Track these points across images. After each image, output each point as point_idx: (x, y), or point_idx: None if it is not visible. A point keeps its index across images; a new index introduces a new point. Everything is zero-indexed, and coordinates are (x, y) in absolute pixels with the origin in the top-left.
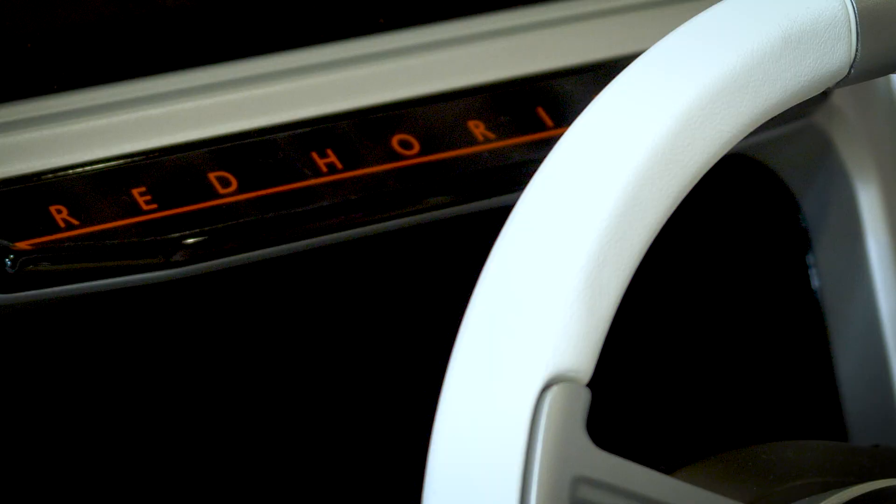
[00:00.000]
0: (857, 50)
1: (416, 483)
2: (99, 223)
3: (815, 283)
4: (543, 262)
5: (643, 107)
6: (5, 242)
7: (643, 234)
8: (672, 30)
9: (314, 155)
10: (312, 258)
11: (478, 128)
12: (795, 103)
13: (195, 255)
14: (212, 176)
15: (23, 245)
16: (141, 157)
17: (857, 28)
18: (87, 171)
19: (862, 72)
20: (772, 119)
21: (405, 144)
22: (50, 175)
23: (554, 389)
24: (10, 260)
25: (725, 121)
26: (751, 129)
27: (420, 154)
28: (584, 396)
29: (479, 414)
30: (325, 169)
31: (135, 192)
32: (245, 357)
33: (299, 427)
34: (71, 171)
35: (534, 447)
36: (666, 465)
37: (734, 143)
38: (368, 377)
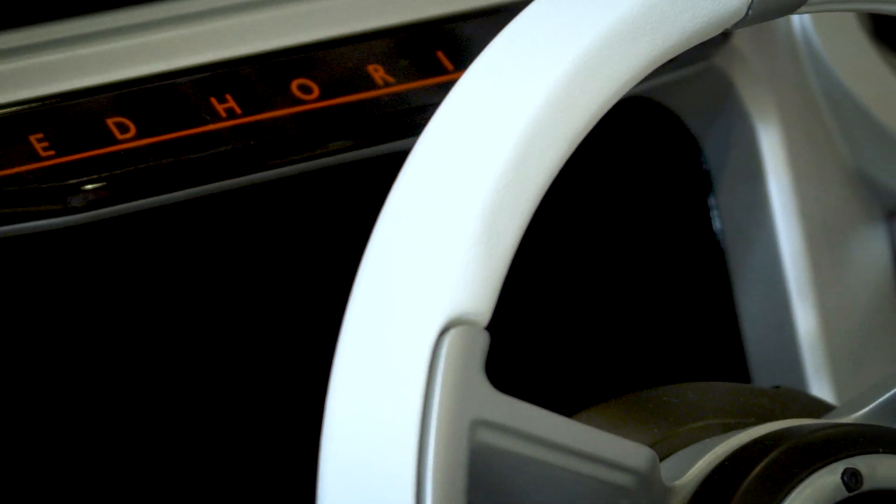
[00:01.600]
0: None
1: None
2: None
3: (717, 225)
4: (440, 207)
5: (539, 50)
6: None
7: (541, 177)
8: None
9: (213, 100)
10: (212, 203)
11: (377, 72)
12: (694, 44)
13: (94, 201)
14: (110, 122)
15: None
16: (38, 104)
17: None
18: None
19: (760, 12)
20: (673, 61)
21: (304, 89)
22: None
23: (452, 332)
24: None
25: (622, 63)
26: (648, 72)
27: (319, 99)
28: (483, 339)
29: (378, 357)
30: (224, 114)
31: (32, 138)
32: (147, 303)
33: (196, 370)
34: None
35: (432, 390)
36: (567, 408)
37: (631, 85)
38: (268, 324)
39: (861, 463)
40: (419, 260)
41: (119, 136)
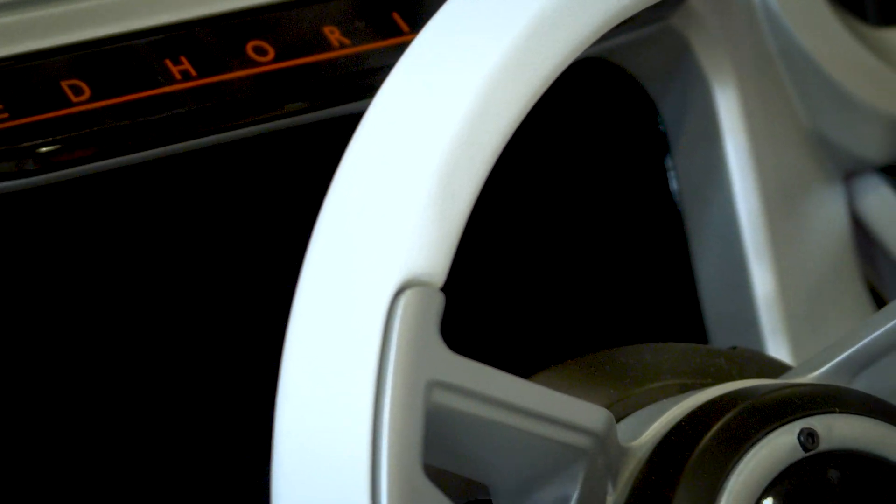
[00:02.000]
0: None
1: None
2: None
3: (674, 186)
4: (395, 168)
5: (493, 10)
6: None
7: (496, 138)
8: None
9: (168, 62)
10: (168, 165)
11: (333, 34)
12: (650, 4)
13: (48, 163)
14: (64, 84)
15: None
16: None
17: None
18: None
19: None
20: (629, 22)
21: (260, 51)
22: None
23: (407, 293)
24: None
25: (577, 23)
26: (604, 31)
27: (275, 60)
28: (438, 300)
29: (332, 319)
30: (179, 76)
31: None
32: (104, 267)
33: (153, 330)
34: None
35: (387, 352)
36: (523, 369)
37: (587, 45)
38: (224, 286)
39: (817, 423)
40: (374, 221)
41: (74, 99)
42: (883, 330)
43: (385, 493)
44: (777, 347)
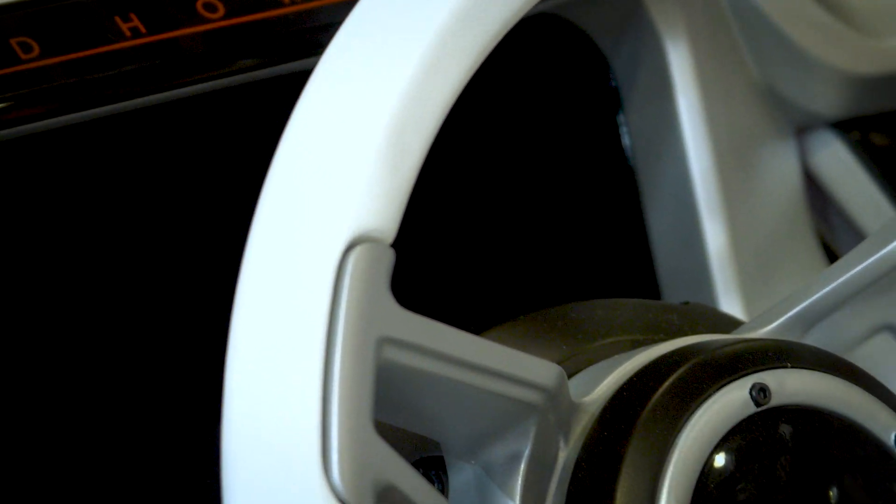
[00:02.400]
0: None
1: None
2: None
3: (626, 142)
4: (345, 123)
5: None
6: None
7: (446, 92)
8: None
9: (118, 19)
10: (118, 123)
11: None
12: None
13: None
14: (13, 42)
15: None
16: None
17: None
18: None
19: None
20: None
21: (209, 7)
22: None
23: (357, 249)
24: None
25: None
26: None
27: (225, 17)
28: (388, 256)
29: (282, 275)
30: (128, 33)
31: None
32: (56, 225)
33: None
34: None
35: (337, 308)
36: (475, 326)
37: (536, 0)
38: (173, 243)
39: (769, 378)
40: (323, 177)
41: (23, 56)
42: (835, 284)
43: (336, 449)
44: (730, 303)
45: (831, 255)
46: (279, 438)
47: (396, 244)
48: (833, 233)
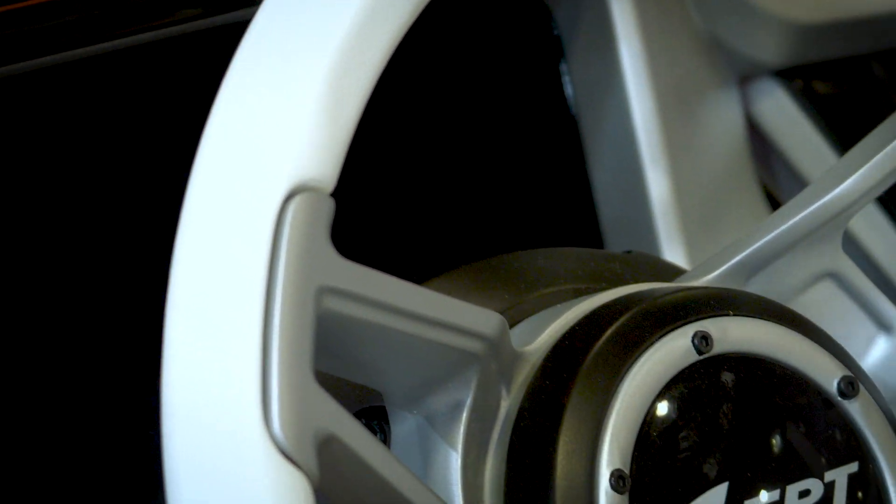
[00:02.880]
0: None
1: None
2: None
3: (569, 91)
4: (283, 73)
5: None
6: None
7: (386, 41)
8: None
9: None
10: (57, 74)
11: None
12: None
13: None
14: None
15: None
16: None
17: None
18: None
19: None
20: None
21: None
22: None
23: (297, 199)
24: None
25: None
26: None
27: None
28: (328, 206)
29: (221, 226)
30: None
31: None
32: None
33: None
34: None
35: (277, 258)
36: (417, 276)
37: None
38: (117, 193)
39: (712, 326)
40: (262, 126)
41: None
42: (777, 232)
43: (276, 399)
44: (673, 251)
45: (774, 203)
46: (219, 389)
47: (337, 193)
48: (776, 181)
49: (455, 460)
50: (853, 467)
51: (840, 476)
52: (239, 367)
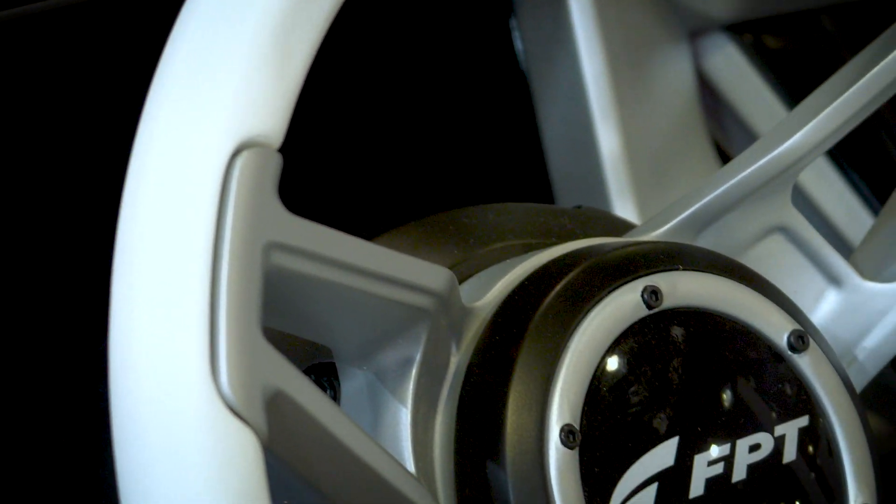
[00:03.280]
0: None
1: None
2: None
3: (519, 46)
4: (229, 26)
5: None
6: None
7: None
8: None
9: None
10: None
11: None
12: None
13: None
14: None
15: None
16: None
17: None
18: None
19: None
20: None
21: None
22: None
23: (244, 155)
24: None
25: None
26: None
27: None
28: (276, 161)
29: (167, 183)
30: None
31: None
32: None
33: None
34: None
35: (224, 214)
36: (366, 231)
37: None
38: (58, 154)
39: (661, 280)
40: (208, 82)
41: None
42: (726, 186)
43: (224, 356)
44: (623, 207)
45: (725, 158)
46: (166, 346)
47: (284, 149)
48: (726, 135)
49: (405, 416)
50: (803, 421)
51: (790, 430)
52: (186, 323)
